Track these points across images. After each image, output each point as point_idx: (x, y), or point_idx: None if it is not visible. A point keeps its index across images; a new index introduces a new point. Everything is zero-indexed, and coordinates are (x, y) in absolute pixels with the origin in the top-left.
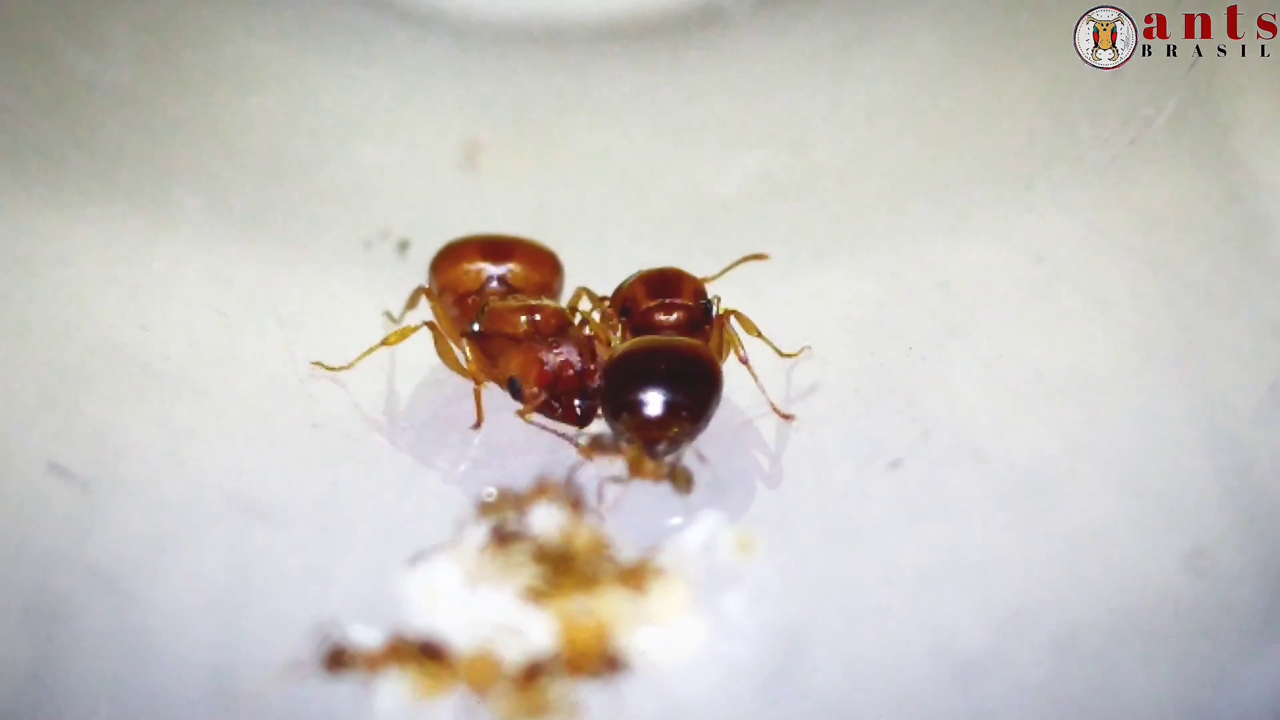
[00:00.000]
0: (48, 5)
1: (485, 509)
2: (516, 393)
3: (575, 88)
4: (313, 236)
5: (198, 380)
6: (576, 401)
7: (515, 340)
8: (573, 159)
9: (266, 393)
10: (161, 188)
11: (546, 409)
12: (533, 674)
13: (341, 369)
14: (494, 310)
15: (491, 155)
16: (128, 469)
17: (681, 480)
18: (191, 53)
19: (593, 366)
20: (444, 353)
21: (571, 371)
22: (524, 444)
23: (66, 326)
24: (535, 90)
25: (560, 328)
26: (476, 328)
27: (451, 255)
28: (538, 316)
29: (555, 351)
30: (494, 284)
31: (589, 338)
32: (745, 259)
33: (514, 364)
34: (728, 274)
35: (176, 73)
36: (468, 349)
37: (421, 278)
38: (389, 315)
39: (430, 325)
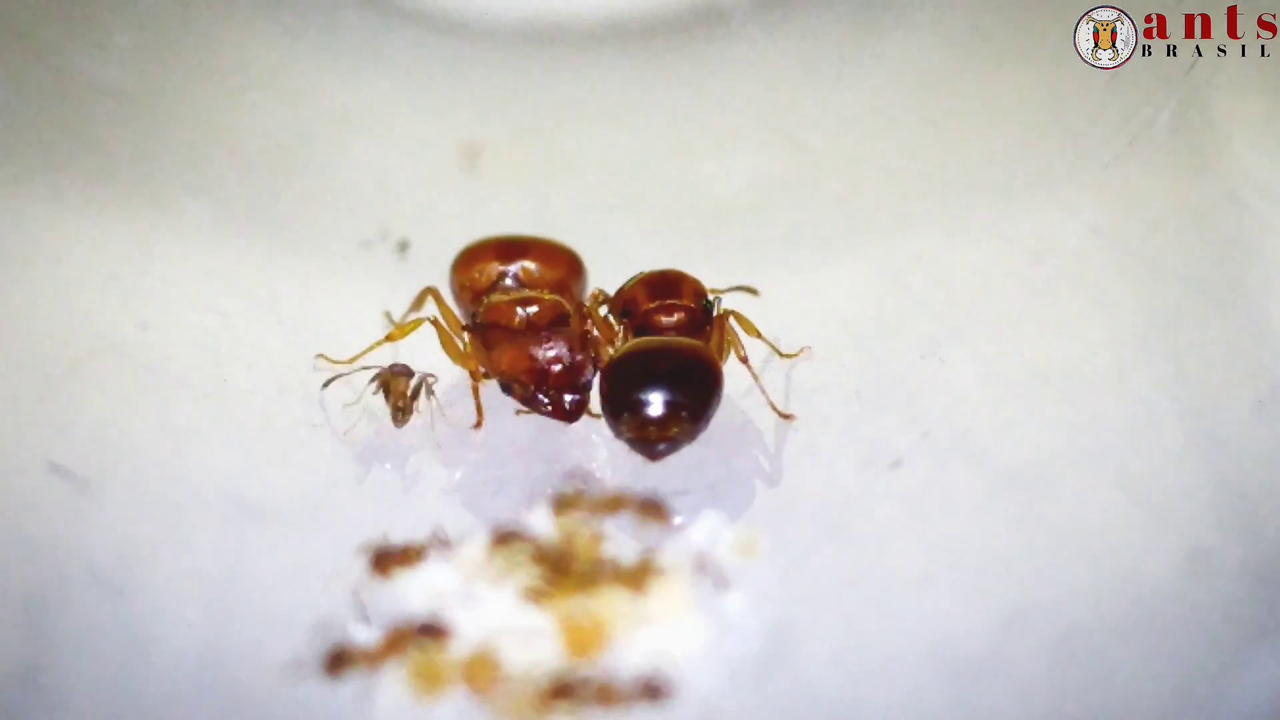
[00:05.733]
0: (48, 5)
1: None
2: (507, 389)
3: (575, 88)
4: (313, 236)
5: (198, 380)
6: (566, 397)
7: (510, 332)
8: (573, 159)
9: (266, 393)
10: (161, 187)
11: (535, 403)
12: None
13: (345, 362)
14: (491, 303)
15: (491, 155)
16: (127, 469)
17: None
18: (191, 53)
19: (581, 359)
20: (448, 347)
21: (560, 366)
22: (525, 444)
23: (66, 326)
24: (535, 90)
25: (556, 320)
26: (475, 320)
27: (469, 255)
28: (533, 309)
29: (546, 346)
30: (508, 280)
31: (585, 331)
32: (734, 289)
33: (505, 359)
34: (726, 277)
35: (176, 73)
36: (467, 340)
37: (422, 277)
38: (388, 316)
39: (434, 321)
